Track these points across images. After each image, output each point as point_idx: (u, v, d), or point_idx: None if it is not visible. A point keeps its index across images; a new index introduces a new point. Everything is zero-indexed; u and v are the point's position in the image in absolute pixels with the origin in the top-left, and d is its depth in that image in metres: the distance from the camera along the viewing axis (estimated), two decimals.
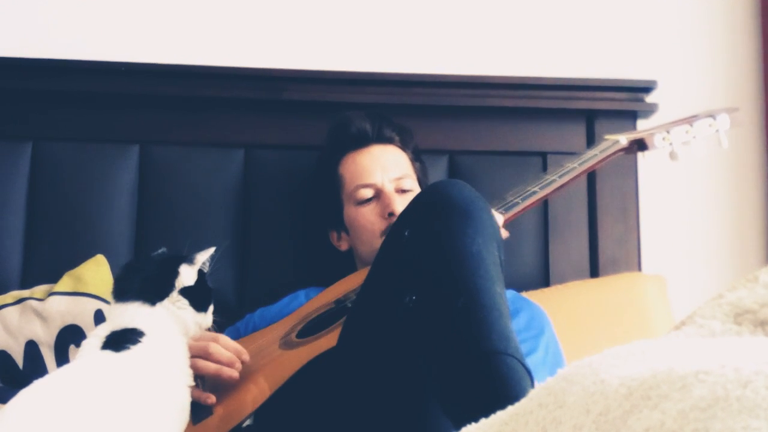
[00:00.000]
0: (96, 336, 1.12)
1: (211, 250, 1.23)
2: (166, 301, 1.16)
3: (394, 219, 1.62)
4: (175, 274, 1.17)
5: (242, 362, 1.31)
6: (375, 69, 2.03)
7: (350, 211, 1.72)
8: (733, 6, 2.19)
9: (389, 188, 1.68)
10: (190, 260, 1.19)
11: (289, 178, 1.95)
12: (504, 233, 1.32)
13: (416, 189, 1.71)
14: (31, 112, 1.93)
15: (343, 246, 1.78)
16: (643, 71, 2.12)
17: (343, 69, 2.02)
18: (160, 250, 1.24)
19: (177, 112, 1.95)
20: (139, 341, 1.10)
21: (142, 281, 1.17)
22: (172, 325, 1.16)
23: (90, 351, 1.10)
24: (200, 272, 1.20)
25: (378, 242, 1.67)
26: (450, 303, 1.08)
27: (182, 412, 1.11)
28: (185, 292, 1.17)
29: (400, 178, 1.70)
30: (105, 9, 2.04)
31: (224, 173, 1.95)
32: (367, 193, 1.70)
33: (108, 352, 1.09)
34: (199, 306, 1.19)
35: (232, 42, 2.06)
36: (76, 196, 1.89)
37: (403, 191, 1.69)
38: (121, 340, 1.10)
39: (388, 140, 1.76)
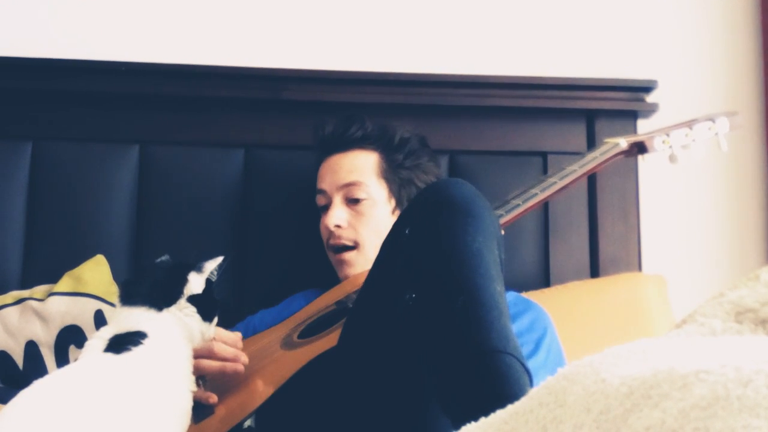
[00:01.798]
0: (99, 338, 1.12)
1: (219, 260, 1.22)
2: (173, 308, 1.15)
3: (335, 235, 1.64)
4: (184, 281, 1.17)
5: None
6: (375, 69, 2.03)
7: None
8: (733, 6, 2.19)
9: (336, 199, 1.69)
10: (198, 268, 1.19)
11: (289, 178, 1.95)
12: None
13: (374, 198, 1.67)
14: (31, 112, 1.93)
15: None
16: (643, 71, 2.12)
17: (343, 69, 2.02)
18: (163, 257, 1.24)
19: (177, 112, 1.95)
20: (141, 343, 1.10)
21: (150, 286, 1.16)
22: (177, 331, 1.16)
23: (92, 352, 1.10)
24: (208, 281, 1.20)
25: (330, 254, 1.68)
26: (450, 301, 1.08)
27: (184, 417, 1.11)
28: (193, 299, 1.17)
29: (349, 186, 1.68)
30: (105, 9, 2.04)
31: (224, 173, 1.95)
32: (321, 200, 1.73)
33: (110, 355, 1.08)
34: (206, 315, 1.19)
35: (232, 42, 2.06)
36: (76, 196, 1.89)
37: (355, 200, 1.67)
38: (124, 342, 1.09)
39: (351, 144, 1.72)
